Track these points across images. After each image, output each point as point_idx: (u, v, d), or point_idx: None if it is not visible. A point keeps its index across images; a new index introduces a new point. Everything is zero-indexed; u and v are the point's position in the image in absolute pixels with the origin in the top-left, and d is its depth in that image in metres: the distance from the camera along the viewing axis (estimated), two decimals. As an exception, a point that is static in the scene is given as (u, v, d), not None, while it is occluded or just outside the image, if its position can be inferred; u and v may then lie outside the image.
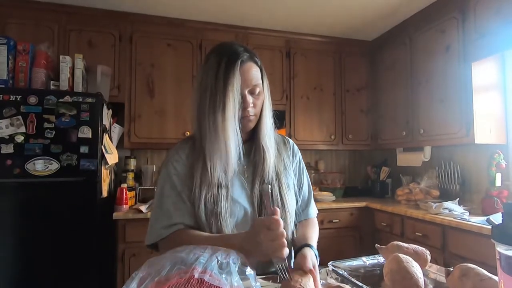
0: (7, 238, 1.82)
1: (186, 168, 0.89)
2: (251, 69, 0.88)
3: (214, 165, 0.86)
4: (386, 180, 3.07)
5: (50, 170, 1.89)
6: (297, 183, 1.05)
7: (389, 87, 2.94)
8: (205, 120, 0.86)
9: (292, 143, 1.09)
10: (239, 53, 0.86)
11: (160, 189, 0.90)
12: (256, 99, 0.90)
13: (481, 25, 2.06)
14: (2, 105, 1.84)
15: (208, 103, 0.85)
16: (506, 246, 0.50)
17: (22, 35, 2.22)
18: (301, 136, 2.95)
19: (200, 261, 0.55)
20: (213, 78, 0.85)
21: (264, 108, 0.92)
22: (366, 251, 2.42)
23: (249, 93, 0.88)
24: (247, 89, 0.87)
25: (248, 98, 0.87)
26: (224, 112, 0.83)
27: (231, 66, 0.84)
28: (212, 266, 0.55)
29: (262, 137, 0.93)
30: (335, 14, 2.68)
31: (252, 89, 0.88)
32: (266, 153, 0.93)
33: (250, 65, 0.88)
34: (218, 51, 0.89)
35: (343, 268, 0.87)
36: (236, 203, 0.88)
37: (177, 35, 2.68)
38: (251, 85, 0.87)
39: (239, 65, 0.85)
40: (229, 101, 0.82)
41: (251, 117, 0.90)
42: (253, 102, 0.89)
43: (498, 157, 2.07)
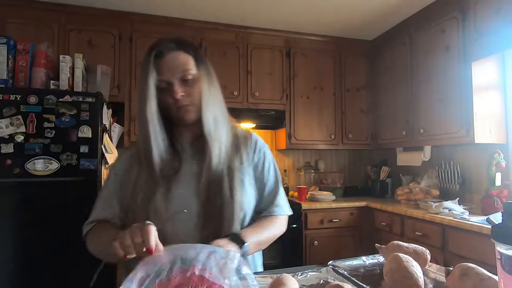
0: (7, 238, 1.82)
1: (123, 169, 0.91)
2: (177, 57, 0.86)
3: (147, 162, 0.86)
4: (386, 180, 3.07)
5: (50, 169, 1.89)
6: (260, 180, 0.98)
7: (389, 87, 2.94)
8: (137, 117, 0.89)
9: (255, 139, 1.03)
10: (159, 44, 0.86)
11: (103, 185, 0.95)
12: (191, 87, 0.86)
13: (481, 25, 2.06)
14: (2, 105, 1.84)
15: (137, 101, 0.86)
16: (506, 246, 0.50)
17: (22, 35, 2.22)
18: (301, 135, 2.95)
19: (199, 260, 0.55)
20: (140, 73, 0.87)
21: (204, 96, 0.88)
22: (366, 250, 2.42)
23: (181, 81, 0.85)
24: (175, 77, 0.85)
25: (176, 86, 0.84)
26: (145, 105, 0.83)
27: (147, 57, 0.84)
28: (211, 264, 0.55)
29: (204, 128, 0.88)
30: (335, 14, 2.68)
31: (182, 77, 0.85)
32: (210, 144, 0.87)
33: (176, 54, 0.86)
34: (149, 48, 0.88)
35: (343, 267, 0.87)
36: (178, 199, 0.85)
37: (177, 34, 2.65)
38: (179, 72, 0.85)
39: (155, 55, 0.84)
40: (146, 92, 0.82)
41: (188, 107, 0.87)
42: (186, 91, 0.86)
43: (498, 156, 2.07)
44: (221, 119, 0.93)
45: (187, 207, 0.85)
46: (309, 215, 2.60)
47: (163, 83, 0.85)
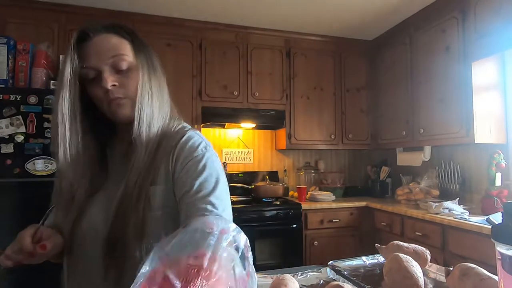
0: (7, 238, 1.82)
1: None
2: (107, 40, 0.71)
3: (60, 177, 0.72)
4: (386, 180, 3.07)
5: (50, 169, 1.89)
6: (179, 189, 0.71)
7: (389, 87, 2.94)
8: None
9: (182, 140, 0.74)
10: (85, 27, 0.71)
11: None
12: (126, 77, 0.71)
13: (481, 25, 2.06)
14: (2, 105, 1.84)
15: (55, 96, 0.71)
16: (506, 246, 0.50)
17: (22, 35, 2.22)
18: (301, 136, 2.95)
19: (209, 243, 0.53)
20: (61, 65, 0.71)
21: (142, 90, 0.72)
22: (366, 250, 2.42)
23: (112, 69, 0.70)
24: (104, 63, 0.69)
25: (106, 74, 0.69)
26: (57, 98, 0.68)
27: (71, 42, 0.68)
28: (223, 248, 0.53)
29: (134, 130, 0.70)
30: (335, 14, 2.68)
31: (114, 63, 0.70)
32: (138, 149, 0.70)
33: (106, 36, 0.71)
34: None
35: (343, 267, 0.87)
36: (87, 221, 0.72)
37: (177, 34, 2.68)
38: (109, 57, 0.69)
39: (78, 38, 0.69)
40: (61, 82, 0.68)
41: (121, 100, 0.71)
42: (119, 81, 0.71)
43: (498, 156, 2.07)
44: (158, 119, 0.75)
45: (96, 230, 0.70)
46: (309, 215, 2.60)
47: (90, 71, 0.69)
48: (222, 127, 3.00)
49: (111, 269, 0.67)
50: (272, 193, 2.77)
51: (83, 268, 0.73)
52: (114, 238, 0.67)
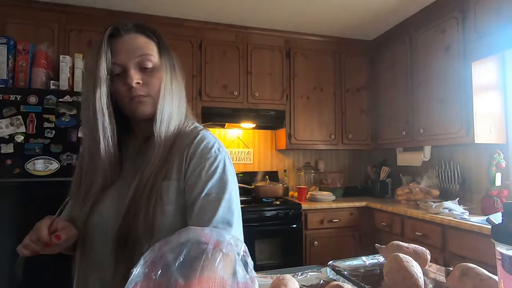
0: (7, 238, 1.82)
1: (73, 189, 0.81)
2: (136, 39, 0.74)
3: (86, 164, 0.74)
4: (386, 180, 3.07)
5: (50, 169, 1.89)
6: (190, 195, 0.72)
7: (389, 87, 2.94)
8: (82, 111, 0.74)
9: (196, 143, 0.75)
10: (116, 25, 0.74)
11: None
12: (150, 76, 0.74)
13: (481, 25, 2.06)
14: (2, 105, 1.84)
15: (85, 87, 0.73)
16: (506, 246, 0.50)
17: (22, 35, 2.22)
18: (301, 136, 2.95)
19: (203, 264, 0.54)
20: (90, 60, 0.72)
21: (163, 89, 0.75)
22: (366, 250, 2.42)
23: (138, 66, 0.73)
24: (131, 61, 0.72)
25: (132, 72, 0.71)
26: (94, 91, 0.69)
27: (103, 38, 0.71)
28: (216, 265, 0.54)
29: (155, 127, 0.73)
30: (335, 14, 2.68)
31: (140, 62, 0.73)
32: (157, 146, 0.73)
33: (135, 36, 0.74)
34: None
35: (343, 267, 0.87)
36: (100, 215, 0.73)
37: (177, 34, 2.68)
38: (136, 56, 0.72)
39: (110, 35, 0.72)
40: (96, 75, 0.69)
41: (143, 98, 0.73)
42: (144, 80, 0.73)
43: (498, 156, 2.07)
44: (176, 118, 0.78)
45: (108, 225, 0.71)
46: (309, 215, 2.60)
47: (117, 67, 0.72)
48: (222, 127, 3.00)
49: (120, 264, 0.67)
50: (272, 193, 2.77)
51: (93, 261, 0.74)
52: (125, 233, 0.69)
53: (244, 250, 0.58)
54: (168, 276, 0.53)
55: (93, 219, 0.73)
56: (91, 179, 0.74)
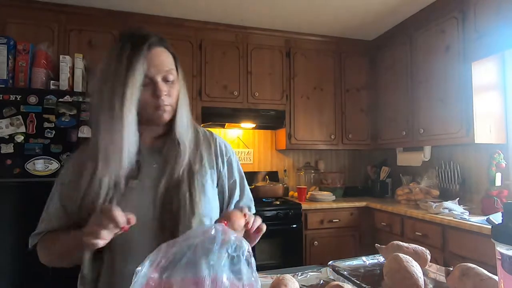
0: (7, 238, 1.82)
1: (70, 177, 0.83)
2: (162, 54, 0.82)
3: (107, 163, 0.77)
4: (386, 180, 3.07)
5: (50, 170, 1.89)
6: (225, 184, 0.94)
7: (389, 87, 2.94)
8: (102, 109, 0.77)
9: (219, 141, 0.96)
10: (147, 36, 0.80)
11: (50, 194, 0.88)
12: (171, 88, 0.83)
13: (481, 25, 2.06)
14: (2, 105, 1.84)
15: (108, 90, 0.76)
16: (506, 246, 0.50)
17: (22, 35, 2.22)
18: (301, 136, 2.95)
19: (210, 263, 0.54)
20: (115, 63, 0.77)
21: (180, 99, 0.85)
22: (366, 250, 2.42)
23: (163, 80, 0.81)
24: (159, 75, 0.80)
25: (161, 84, 0.80)
26: (123, 98, 0.75)
27: (137, 48, 0.77)
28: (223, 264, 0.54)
29: (177, 130, 0.84)
30: (335, 14, 2.68)
31: (166, 76, 0.81)
32: (181, 147, 0.84)
33: (161, 50, 0.82)
34: (124, 36, 0.82)
35: (343, 267, 0.87)
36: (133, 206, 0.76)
37: (177, 34, 2.68)
38: (164, 70, 0.81)
39: (146, 49, 0.78)
40: (129, 86, 0.75)
41: (167, 107, 0.82)
42: (168, 91, 0.82)
43: (498, 156, 2.07)
44: (189, 122, 0.90)
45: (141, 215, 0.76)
46: (309, 215, 2.60)
47: (146, 79, 0.79)
48: (222, 127, 3.00)
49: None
50: (272, 193, 2.77)
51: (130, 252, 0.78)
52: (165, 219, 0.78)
53: (248, 250, 0.59)
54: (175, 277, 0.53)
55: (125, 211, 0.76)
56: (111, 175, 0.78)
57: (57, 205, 0.85)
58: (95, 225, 0.66)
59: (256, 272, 0.58)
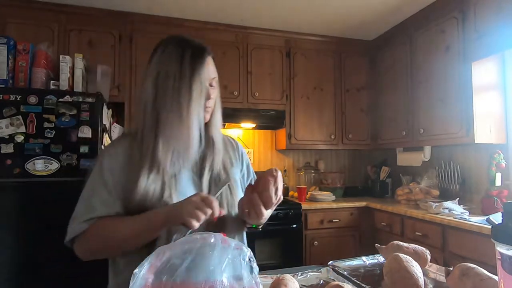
0: (7, 238, 1.82)
1: (121, 163, 0.85)
2: (211, 63, 0.92)
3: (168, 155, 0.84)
4: (386, 180, 3.07)
5: (50, 170, 1.89)
6: (247, 182, 1.07)
7: (389, 87, 2.94)
8: (166, 107, 0.84)
9: (241, 147, 1.10)
10: (204, 46, 0.90)
11: (90, 184, 0.87)
12: (213, 92, 0.93)
13: (481, 25, 2.06)
14: (2, 105, 1.84)
15: (172, 90, 0.84)
16: (506, 246, 0.50)
17: (22, 35, 2.22)
18: (301, 136, 2.95)
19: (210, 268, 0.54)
20: (177, 68, 0.84)
21: (216, 102, 0.95)
22: (366, 250, 2.42)
23: (209, 85, 0.91)
24: (207, 81, 0.90)
25: (210, 90, 0.90)
26: (190, 98, 0.83)
27: (199, 56, 0.86)
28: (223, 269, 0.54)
29: (212, 129, 0.95)
30: (335, 14, 2.68)
31: (211, 82, 0.92)
32: (216, 145, 0.95)
33: (210, 59, 0.91)
34: (177, 41, 0.90)
35: (343, 267, 0.87)
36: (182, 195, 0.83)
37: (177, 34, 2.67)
38: (211, 78, 0.91)
39: (205, 57, 0.88)
40: (196, 88, 0.84)
41: (209, 108, 0.92)
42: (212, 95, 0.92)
43: (498, 156, 2.07)
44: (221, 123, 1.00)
45: None
46: (309, 215, 2.60)
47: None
48: (222, 127, 2.99)
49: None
50: (272, 193, 2.76)
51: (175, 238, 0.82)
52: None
53: (250, 255, 0.59)
54: (174, 280, 0.53)
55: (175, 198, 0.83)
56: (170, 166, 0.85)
57: (104, 192, 0.84)
58: (196, 209, 0.73)
59: (258, 277, 0.58)
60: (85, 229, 0.82)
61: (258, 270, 0.59)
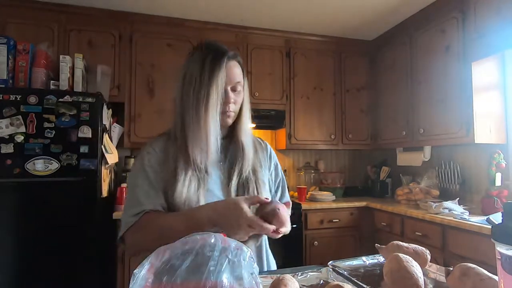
0: (7, 238, 1.82)
1: (159, 160, 0.91)
2: (235, 67, 0.92)
3: (195, 155, 0.89)
4: (386, 180, 3.07)
5: (50, 170, 1.89)
6: (275, 182, 1.11)
7: (389, 87, 2.94)
8: (188, 111, 0.89)
9: (269, 148, 1.13)
10: (225, 50, 0.91)
11: (132, 181, 0.91)
12: (237, 97, 0.93)
13: (481, 25, 2.06)
14: (2, 105, 1.84)
15: (192, 95, 0.88)
16: (506, 246, 0.50)
17: (22, 35, 2.22)
18: (301, 136, 2.95)
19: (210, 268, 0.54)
20: (198, 72, 0.88)
21: (243, 106, 0.96)
22: (366, 250, 2.42)
23: (231, 90, 0.92)
24: (229, 85, 0.91)
25: (230, 94, 0.91)
26: (207, 104, 0.86)
27: (218, 61, 0.88)
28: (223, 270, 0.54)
29: (240, 134, 0.97)
30: (335, 14, 2.68)
31: (234, 86, 0.92)
32: (245, 149, 0.96)
33: (234, 63, 0.92)
34: (204, 47, 0.93)
35: (343, 267, 0.87)
36: (212, 195, 0.89)
37: (177, 35, 2.68)
38: (234, 82, 0.91)
39: (225, 62, 0.88)
40: (212, 94, 0.86)
41: (231, 113, 0.93)
42: (234, 99, 0.93)
43: (498, 156, 2.07)
44: (250, 127, 1.02)
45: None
46: (309, 215, 2.60)
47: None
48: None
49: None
50: (272, 193, 2.76)
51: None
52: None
53: (250, 256, 0.59)
54: (174, 281, 0.53)
55: (206, 197, 0.87)
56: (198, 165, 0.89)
57: (146, 185, 0.88)
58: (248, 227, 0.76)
59: (258, 277, 0.58)
60: (133, 223, 0.85)
61: (258, 270, 0.59)
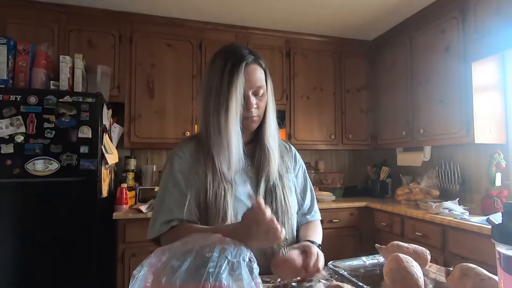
0: (7, 238, 1.82)
1: (189, 165, 0.91)
2: (256, 71, 0.90)
3: (221, 163, 0.88)
4: (386, 180, 3.07)
5: (50, 170, 1.89)
6: (302, 188, 1.08)
7: (389, 87, 2.94)
8: (210, 120, 0.89)
9: (294, 150, 1.12)
10: (244, 56, 0.89)
11: (163, 185, 0.91)
12: (260, 101, 0.92)
13: (481, 25, 2.06)
14: (2, 105, 1.84)
15: (213, 104, 0.87)
16: (506, 246, 0.50)
17: (22, 35, 2.22)
18: (301, 136, 2.95)
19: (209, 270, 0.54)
20: (218, 80, 0.87)
21: (267, 109, 0.95)
22: (366, 251, 2.42)
23: (253, 94, 0.90)
24: (251, 90, 0.89)
25: (251, 99, 0.89)
26: (227, 113, 0.85)
27: (236, 68, 0.86)
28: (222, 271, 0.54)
29: (266, 138, 0.96)
30: (335, 14, 2.68)
31: (256, 91, 0.90)
32: (271, 153, 0.95)
33: (255, 67, 0.90)
34: (224, 53, 0.92)
35: (343, 268, 0.87)
36: (240, 201, 0.89)
37: (177, 35, 2.68)
38: (255, 86, 0.90)
39: (243, 68, 0.87)
40: (232, 102, 0.85)
41: (254, 117, 0.92)
42: (257, 104, 0.91)
43: (498, 156, 2.07)
44: (276, 131, 1.01)
45: (243, 208, 0.86)
46: (309, 215, 2.60)
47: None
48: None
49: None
50: (272, 193, 2.76)
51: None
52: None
53: (250, 256, 0.59)
54: (174, 282, 0.53)
55: (234, 204, 0.88)
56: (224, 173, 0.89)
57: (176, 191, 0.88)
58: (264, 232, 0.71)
59: (258, 277, 0.58)
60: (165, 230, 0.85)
61: (258, 271, 0.59)
